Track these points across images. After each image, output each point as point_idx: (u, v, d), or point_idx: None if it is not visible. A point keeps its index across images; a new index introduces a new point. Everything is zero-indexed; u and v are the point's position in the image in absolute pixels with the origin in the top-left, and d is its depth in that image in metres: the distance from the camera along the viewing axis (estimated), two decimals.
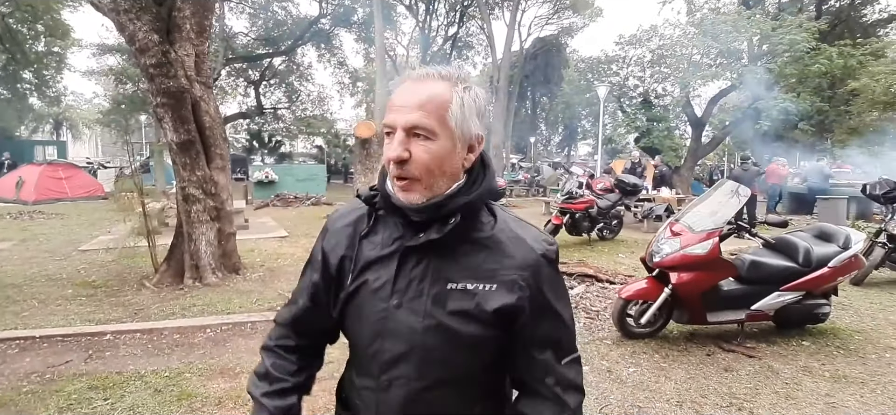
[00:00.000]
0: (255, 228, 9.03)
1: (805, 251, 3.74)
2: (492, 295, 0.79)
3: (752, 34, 14.48)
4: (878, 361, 3.43)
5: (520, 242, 0.83)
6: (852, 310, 4.53)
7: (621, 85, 18.10)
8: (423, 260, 0.80)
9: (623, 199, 8.68)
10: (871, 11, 16.93)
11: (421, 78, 0.79)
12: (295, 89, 26.60)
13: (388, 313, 0.80)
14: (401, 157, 0.76)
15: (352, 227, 0.88)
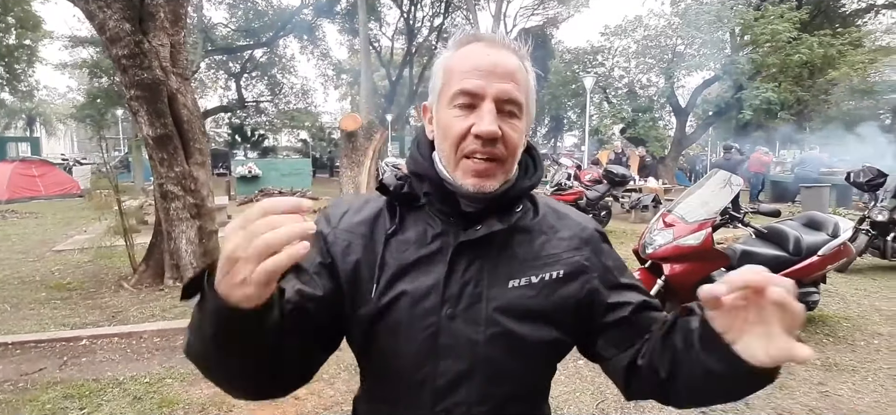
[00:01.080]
0: None
1: (795, 240, 3.75)
2: (558, 284, 0.70)
3: (735, 24, 14.63)
4: (866, 347, 3.46)
5: (569, 220, 0.76)
6: (839, 297, 4.59)
7: (607, 76, 18.17)
8: (476, 258, 0.68)
9: (611, 189, 8.70)
10: (850, 1, 17.24)
11: (498, 44, 0.67)
12: (277, 82, 26.16)
13: (440, 326, 0.66)
14: (498, 134, 0.63)
15: (367, 225, 0.72)
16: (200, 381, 2.95)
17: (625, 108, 16.99)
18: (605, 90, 18.51)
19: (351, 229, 0.72)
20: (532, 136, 3.39)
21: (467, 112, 0.65)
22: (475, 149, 0.64)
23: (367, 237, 0.71)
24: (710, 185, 3.81)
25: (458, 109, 0.65)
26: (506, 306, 0.67)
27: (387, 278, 0.68)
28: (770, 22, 13.42)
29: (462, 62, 0.66)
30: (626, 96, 17.72)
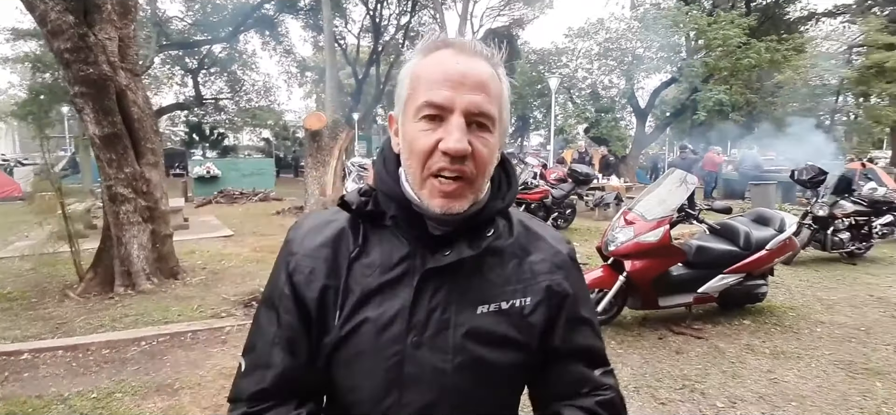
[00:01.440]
0: (197, 227, 8.45)
1: (745, 235, 3.95)
2: (528, 309, 0.67)
3: (690, 29, 15.27)
4: (810, 335, 3.68)
5: (543, 242, 0.72)
6: (785, 288, 4.87)
7: (571, 76, 18.58)
8: (444, 283, 0.64)
9: (576, 188, 8.90)
10: (794, 9, 18.36)
11: (469, 51, 0.62)
12: (238, 79, 25.26)
13: (405, 355, 0.63)
14: (467, 151, 0.59)
15: (330, 247, 0.67)
16: (153, 394, 2.80)
17: (588, 108, 17.45)
18: (570, 91, 18.94)
19: (313, 254, 0.67)
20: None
21: (435, 126, 0.60)
22: (443, 167, 0.59)
23: (330, 260, 0.67)
24: (668, 183, 3.95)
25: (424, 122, 0.60)
26: (475, 333, 0.64)
27: (350, 305, 0.65)
28: (722, 27, 14.11)
29: (430, 71, 0.61)
30: (590, 97, 18.19)
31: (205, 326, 3.74)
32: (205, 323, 3.81)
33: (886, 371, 3.04)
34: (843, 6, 19.10)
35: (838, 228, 6.06)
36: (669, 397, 2.77)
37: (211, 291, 4.73)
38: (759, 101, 16.58)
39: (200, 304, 4.30)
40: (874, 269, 5.70)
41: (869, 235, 6.16)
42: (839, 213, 6.07)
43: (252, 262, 5.91)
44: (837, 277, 5.35)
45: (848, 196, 6.32)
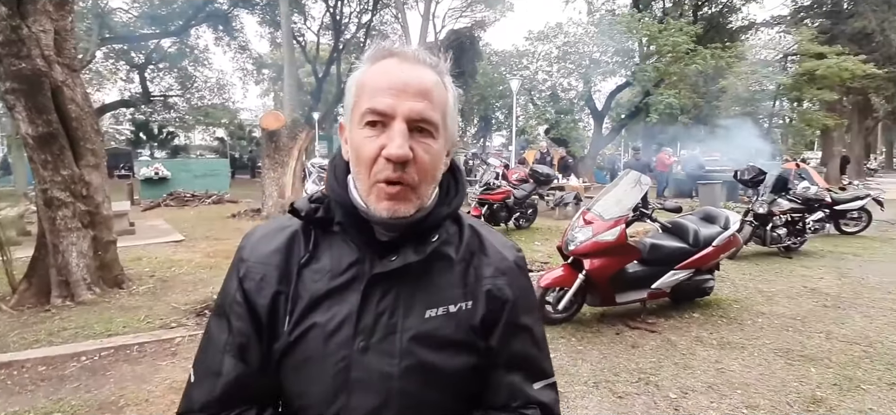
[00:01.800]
0: (144, 232, 7.99)
1: (694, 233, 4.16)
2: (473, 313, 0.68)
3: (643, 35, 15.98)
4: (752, 326, 3.93)
5: (492, 248, 0.73)
6: (729, 282, 5.17)
7: (531, 79, 18.99)
8: (391, 288, 0.65)
9: (537, 188, 9.08)
10: (736, 19, 19.57)
11: (412, 59, 0.64)
12: (189, 75, 24.09)
13: (352, 359, 0.63)
14: (408, 156, 0.60)
15: (281, 253, 0.68)
16: (95, 412, 2.62)
17: (548, 109, 17.89)
18: (530, 92, 19.35)
19: (264, 260, 0.68)
20: (461, 135, 3.41)
21: (378, 132, 0.61)
22: (387, 175, 0.61)
23: (281, 267, 0.67)
24: (624, 184, 4.11)
25: (368, 128, 0.62)
26: (422, 336, 0.65)
27: (299, 311, 0.65)
28: (672, 34, 14.85)
29: (374, 79, 0.62)
30: (550, 99, 18.66)
31: (153, 337, 3.53)
32: (152, 334, 3.60)
33: (819, 357, 3.29)
34: (779, 17, 20.55)
35: (776, 224, 6.51)
36: (627, 391, 2.87)
37: (159, 299, 4.47)
38: (705, 105, 17.54)
39: (148, 314, 4.06)
40: (807, 262, 6.16)
41: (803, 230, 6.65)
42: (777, 210, 6.52)
43: (205, 268, 5.64)
44: (775, 271, 5.73)
45: (784, 194, 6.79)
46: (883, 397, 2.76)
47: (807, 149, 21.18)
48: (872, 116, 23.66)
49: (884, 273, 5.52)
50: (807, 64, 15.45)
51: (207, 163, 16.92)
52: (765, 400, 2.74)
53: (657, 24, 16.06)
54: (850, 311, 4.23)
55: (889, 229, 8.56)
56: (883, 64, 16.68)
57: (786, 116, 19.21)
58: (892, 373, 3.05)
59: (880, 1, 18.10)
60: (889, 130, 34.22)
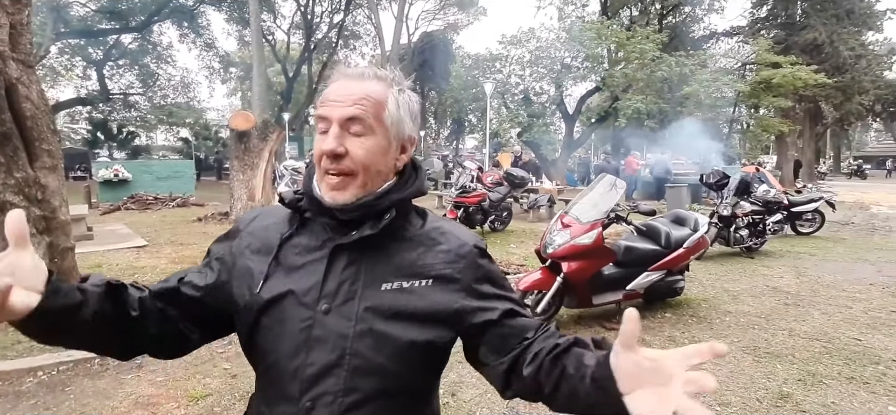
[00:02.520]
0: (103, 237, 7.58)
1: (666, 235, 4.29)
2: (427, 291, 0.76)
3: (612, 42, 16.40)
4: (720, 323, 4.08)
5: (451, 236, 0.82)
6: (697, 282, 5.36)
7: (505, 82, 19.18)
8: (354, 261, 0.76)
9: (512, 191, 9.16)
10: (698, 29, 20.39)
11: (357, 76, 0.77)
12: (151, 72, 23.09)
13: (315, 320, 0.73)
14: (336, 150, 0.73)
15: (271, 230, 0.81)
16: None
17: (521, 113, 18.11)
18: (503, 95, 19.54)
19: (256, 232, 0.82)
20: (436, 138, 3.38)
21: (324, 136, 0.74)
22: (327, 166, 0.74)
23: (268, 240, 0.80)
24: (600, 188, 4.19)
25: (319, 134, 0.75)
26: (376, 306, 0.73)
27: (276, 276, 0.76)
28: (639, 42, 15.31)
29: (325, 94, 0.76)
30: (522, 102, 18.89)
31: None
32: None
33: (784, 354, 3.44)
34: (738, 28, 21.58)
35: (739, 226, 6.80)
36: None
37: None
38: (671, 111, 18.20)
39: None
40: (768, 261, 6.45)
41: (763, 231, 6.97)
42: (740, 212, 6.82)
43: (170, 274, 5.40)
44: (739, 270, 5.98)
45: (746, 197, 7.11)
46: (843, 391, 2.91)
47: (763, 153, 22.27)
48: (822, 122, 25.16)
49: (837, 272, 5.84)
50: (763, 73, 16.26)
51: (171, 164, 16.25)
52: (736, 397, 2.85)
53: (625, 31, 16.54)
54: (809, 308, 4.46)
55: (840, 230, 9.09)
56: (832, 74, 17.76)
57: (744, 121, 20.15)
58: (850, 367, 3.22)
59: (829, 15, 19.29)
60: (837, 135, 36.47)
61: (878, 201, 14.65)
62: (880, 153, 41.54)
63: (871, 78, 20.58)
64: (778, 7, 20.54)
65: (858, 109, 22.35)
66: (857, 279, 5.48)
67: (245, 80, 28.60)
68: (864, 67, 19.86)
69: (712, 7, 21.63)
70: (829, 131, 31.12)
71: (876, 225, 9.82)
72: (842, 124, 28.47)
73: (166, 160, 20.78)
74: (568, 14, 21.21)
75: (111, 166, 13.08)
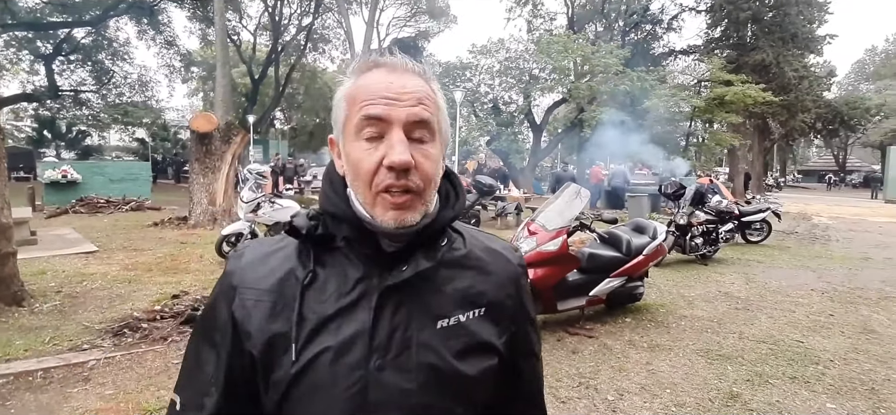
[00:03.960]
0: (48, 242, 7.12)
1: (627, 242, 4.45)
2: (482, 322, 0.67)
3: (577, 55, 16.92)
4: (677, 327, 4.25)
5: (497, 255, 0.73)
6: (656, 288, 5.57)
7: (474, 91, 19.39)
8: (404, 301, 0.63)
9: (480, 198, 9.25)
10: (658, 46, 21.35)
11: (402, 68, 0.63)
12: (105, 69, 21.96)
13: (368, 380, 0.60)
14: (410, 163, 0.59)
15: (278, 275, 0.64)
16: None
17: (490, 121, 18.35)
18: (473, 104, 19.75)
19: (258, 285, 0.64)
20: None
21: (376, 144, 0.60)
22: (390, 183, 0.59)
23: (279, 291, 0.64)
24: (565, 196, 4.30)
25: (365, 141, 0.60)
26: (437, 349, 0.63)
27: (305, 335, 0.61)
28: (603, 56, 15.87)
29: (365, 90, 0.61)
30: (491, 111, 19.16)
31: (60, 361, 3.14)
32: (60, 358, 3.20)
33: (734, 356, 3.63)
34: (695, 46, 22.74)
35: (694, 234, 7.13)
36: (569, 395, 2.98)
37: (68, 318, 4.00)
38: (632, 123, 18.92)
39: (54, 335, 3.61)
40: (721, 268, 6.79)
41: (716, 240, 7.33)
42: (695, 221, 7.15)
43: (122, 282, 5.13)
44: (694, 277, 6.27)
45: (701, 207, 7.46)
46: (787, 390, 3.10)
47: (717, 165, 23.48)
48: (769, 138, 26.80)
49: (782, 278, 6.22)
50: (717, 90, 17.16)
51: (126, 165, 15.50)
52: (690, 398, 2.97)
53: (590, 45, 17.11)
54: (757, 312, 4.71)
55: (785, 238, 9.68)
56: (778, 92, 18.98)
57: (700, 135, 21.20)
58: (793, 368, 3.43)
59: (776, 38, 20.64)
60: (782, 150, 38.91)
61: (819, 212, 15.72)
62: (821, 168, 44.62)
63: (813, 97, 22.16)
64: (730, 29, 21.78)
65: (801, 126, 23.99)
66: (800, 285, 5.85)
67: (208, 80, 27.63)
68: (807, 88, 21.36)
69: (671, 26, 22.72)
70: (776, 146, 33.18)
71: (817, 234, 10.52)
72: (787, 140, 30.45)
73: (121, 162, 19.79)
74: (537, 27, 21.78)
75: (59, 167, 12.32)
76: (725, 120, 17.78)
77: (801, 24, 20.85)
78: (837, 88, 33.49)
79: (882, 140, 27.57)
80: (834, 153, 41.98)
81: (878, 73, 34.40)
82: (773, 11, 20.92)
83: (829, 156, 44.43)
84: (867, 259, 7.70)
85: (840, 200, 23.33)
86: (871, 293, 5.51)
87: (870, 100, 27.43)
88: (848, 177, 38.90)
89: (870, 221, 13.39)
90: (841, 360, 3.59)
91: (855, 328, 4.30)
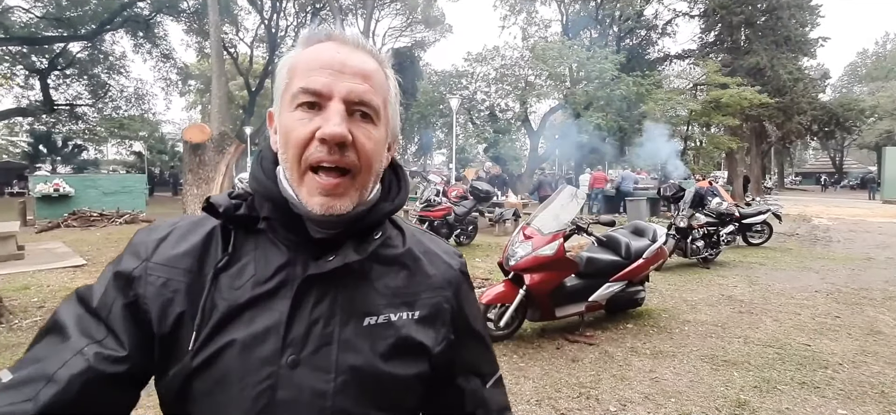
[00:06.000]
0: (36, 256, 6.98)
1: (626, 246, 4.33)
2: (415, 325, 0.62)
3: (573, 61, 16.96)
4: (680, 333, 4.12)
5: (435, 257, 0.69)
6: (658, 292, 5.44)
7: (471, 98, 19.41)
8: (327, 293, 0.57)
9: (477, 205, 9.14)
10: (653, 51, 21.41)
11: (352, 44, 0.58)
12: (102, 83, 21.94)
13: (278, 378, 0.54)
14: (346, 136, 0.54)
15: (193, 256, 0.57)
16: None
17: (487, 129, 18.34)
18: (470, 111, 19.76)
19: (170, 263, 0.57)
20: (403, 153, 3.25)
21: (312, 114, 0.55)
22: (321, 157, 0.54)
23: (193, 273, 0.57)
24: (561, 199, 4.19)
25: (301, 110, 0.55)
26: (361, 347, 0.58)
27: (212, 324, 0.55)
28: (599, 61, 15.89)
29: (308, 60, 0.56)
30: (488, 118, 19.15)
31: None
32: None
33: (740, 361, 3.50)
34: (689, 51, 22.83)
35: (695, 237, 7.02)
36: (569, 407, 2.85)
37: None
38: (629, 128, 18.91)
39: None
40: (723, 271, 6.67)
41: (718, 242, 7.22)
42: (695, 224, 7.04)
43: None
44: (696, 280, 6.14)
45: (701, 210, 7.36)
46: (796, 396, 2.97)
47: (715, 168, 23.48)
48: (766, 141, 26.82)
49: (786, 280, 6.10)
50: (713, 93, 17.19)
51: (120, 178, 15.37)
52: (696, 407, 2.84)
53: (585, 51, 17.12)
54: (762, 316, 4.59)
55: (786, 240, 9.57)
56: (773, 95, 19.01)
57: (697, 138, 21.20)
58: (801, 372, 3.30)
59: (769, 42, 20.73)
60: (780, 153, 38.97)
61: (818, 214, 15.64)
62: (818, 170, 44.72)
63: (808, 99, 22.20)
64: (724, 33, 21.89)
65: (798, 128, 23.99)
66: (804, 287, 5.73)
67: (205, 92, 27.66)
68: (802, 90, 21.42)
69: (665, 31, 22.83)
70: (773, 149, 33.23)
71: (818, 236, 10.42)
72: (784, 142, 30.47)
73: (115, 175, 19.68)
74: (531, 34, 21.85)
75: (51, 181, 12.19)
76: (722, 123, 17.78)
77: (793, 28, 20.97)
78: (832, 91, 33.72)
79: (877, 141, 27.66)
80: (831, 155, 42.11)
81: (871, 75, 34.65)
82: (766, 15, 21.05)
83: (826, 158, 44.55)
84: (870, 259, 7.59)
85: (838, 201, 23.30)
86: (875, 294, 5.39)
87: (864, 102, 27.53)
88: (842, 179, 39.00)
89: (869, 222, 13.31)
90: (849, 363, 3.47)
91: (862, 330, 4.18)
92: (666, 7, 22.08)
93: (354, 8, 24.80)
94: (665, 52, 22.77)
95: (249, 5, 22.81)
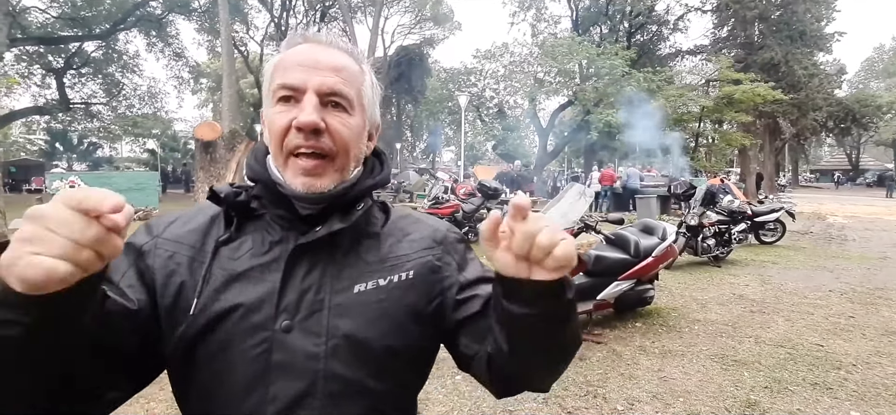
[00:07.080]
0: None
1: (635, 244, 4.30)
2: (408, 285, 0.66)
3: (583, 57, 16.82)
4: (689, 332, 4.09)
5: (422, 224, 0.74)
6: (667, 291, 5.40)
7: (479, 96, 19.38)
8: (317, 263, 0.63)
9: (485, 202, 9.15)
10: (664, 47, 21.15)
11: (326, 44, 0.65)
12: (116, 82, 22.27)
13: (273, 341, 0.59)
14: (318, 124, 0.60)
15: (198, 234, 0.65)
16: None
17: (496, 126, 18.29)
18: (478, 109, 19.73)
19: (177, 239, 0.64)
20: (412, 151, 3.28)
21: (290, 107, 0.62)
22: (299, 143, 0.61)
23: (196, 248, 0.64)
24: (568, 197, 4.18)
25: (280, 104, 0.62)
26: (351, 313, 0.62)
27: (212, 290, 0.60)
28: (609, 57, 15.74)
29: (286, 60, 0.64)
30: (497, 115, 19.10)
31: None
32: None
33: (751, 361, 3.46)
34: (702, 46, 22.51)
35: (706, 235, 6.95)
36: (576, 405, 2.85)
37: None
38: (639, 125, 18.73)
39: None
40: (734, 270, 6.60)
41: (729, 240, 7.13)
42: (706, 222, 6.97)
43: None
44: (707, 279, 6.08)
45: (712, 207, 7.28)
46: (808, 397, 2.93)
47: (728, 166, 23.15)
48: (780, 137, 26.38)
49: (798, 279, 6.01)
50: (726, 89, 16.93)
51: (133, 175, 15.64)
52: (705, 407, 2.82)
53: (595, 48, 16.99)
54: (773, 315, 4.53)
55: (800, 239, 9.43)
56: (788, 91, 18.67)
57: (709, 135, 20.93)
58: (813, 373, 3.26)
59: (783, 36, 20.36)
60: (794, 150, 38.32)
61: (833, 212, 15.37)
62: (833, 167, 43.90)
63: (824, 95, 21.77)
64: (737, 28, 21.53)
65: (813, 125, 23.56)
66: (818, 286, 5.65)
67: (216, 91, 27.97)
68: (817, 86, 21.00)
69: (677, 27, 22.53)
70: (787, 146, 32.68)
71: (832, 234, 10.25)
72: (798, 139, 29.94)
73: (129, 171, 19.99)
74: (541, 30, 21.70)
75: (66, 179, 12.43)
76: (735, 119, 17.52)
77: (808, 22, 20.56)
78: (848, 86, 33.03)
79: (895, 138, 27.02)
80: (847, 152, 41.30)
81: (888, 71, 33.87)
82: (781, 9, 20.66)
83: (842, 155, 43.71)
84: (885, 259, 7.45)
85: (854, 199, 22.86)
86: (891, 293, 5.30)
87: (881, 97, 26.94)
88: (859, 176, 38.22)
89: (886, 220, 13.05)
90: (863, 364, 3.41)
91: (876, 330, 4.11)
92: (677, 2, 21.80)
93: (364, 5, 24.85)
94: (677, 47, 22.49)
95: (260, 4, 22.97)
